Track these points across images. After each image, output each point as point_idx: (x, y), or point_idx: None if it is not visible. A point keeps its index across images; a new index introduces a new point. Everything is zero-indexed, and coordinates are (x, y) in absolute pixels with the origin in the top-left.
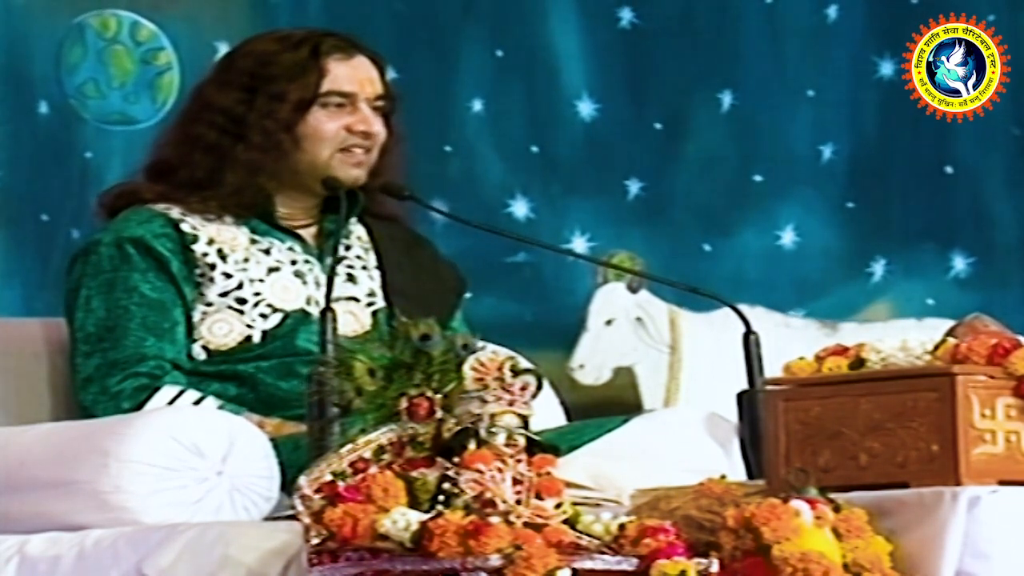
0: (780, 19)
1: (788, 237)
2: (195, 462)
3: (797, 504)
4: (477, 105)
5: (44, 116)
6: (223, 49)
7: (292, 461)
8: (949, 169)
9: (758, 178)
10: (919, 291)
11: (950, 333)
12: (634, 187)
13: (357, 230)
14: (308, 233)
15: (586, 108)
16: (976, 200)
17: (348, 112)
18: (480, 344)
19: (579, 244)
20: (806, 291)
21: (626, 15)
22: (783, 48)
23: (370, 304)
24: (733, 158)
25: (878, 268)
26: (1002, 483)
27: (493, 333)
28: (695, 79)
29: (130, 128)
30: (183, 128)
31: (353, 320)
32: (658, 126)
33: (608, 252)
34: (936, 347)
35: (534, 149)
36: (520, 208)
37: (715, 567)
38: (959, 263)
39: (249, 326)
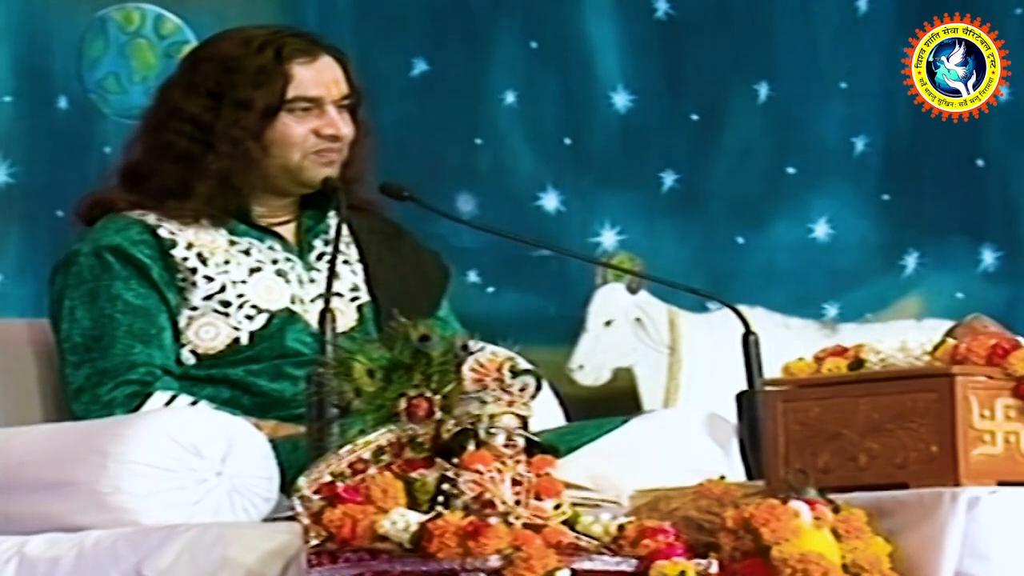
0: (812, 10)
1: (822, 230)
2: (194, 463)
3: (796, 505)
4: (510, 97)
5: (63, 111)
6: None
7: (291, 462)
8: (980, 162)
9: (791, 170)
10: (949, 285)
11: (949, 334)
12: (669, 179)
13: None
14: (287, 230)
15: (621, 99)
16: (1006, 194)
17: (315, 116)
18: (480, 345)
19: (608, 237)
20: (839, 284)
21: (662, 6)
22: (816, 40)
23: (354, 299)
24: (768, 150)
25: (911, 261)
26: (1001, 484)
27: (516, 327)
28: (731, 70)
29: None
30: (152, 135)
31: (339, 316)
32: (695, 117)
33: (638, 245)
34: (935, 348)
35: (567, 141)
36: (550, 201)
37: (714, 568)
38: (988, 257)
39: (236, 328)
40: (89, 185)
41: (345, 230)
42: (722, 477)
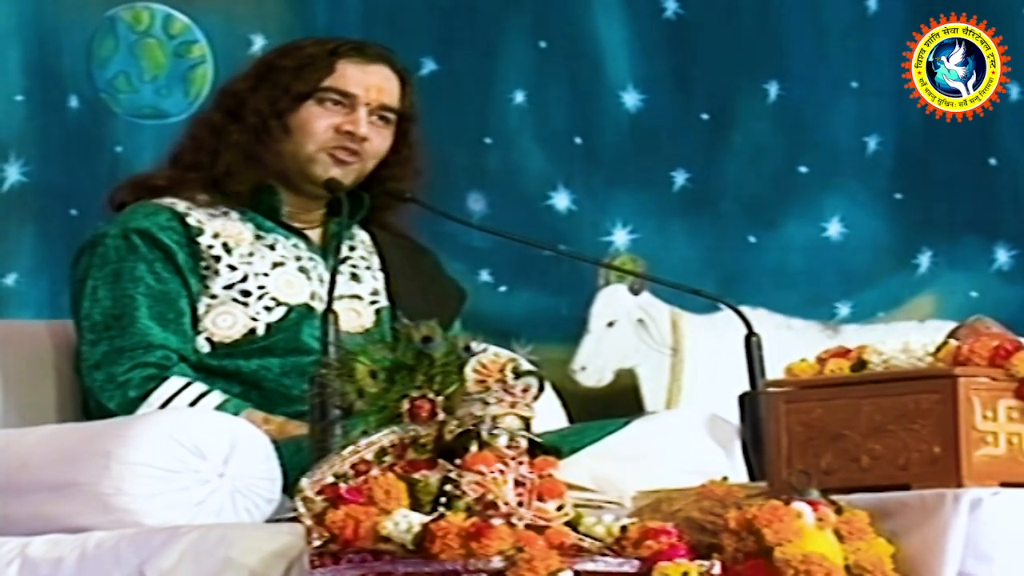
0: (822, 10)
1: (835, 229)
2: (197, 464)
3: (799, 506)
4: (519, 96)
5: (74, 110)
6: (258, 42)
7: (294, 463)
8: (993, 161)
9: (803, 169)
10: (963, 284)
11: (952, 335)
12: (681, 178)
13: (361, 235)
14: (314, 233)
15: (631, 99)
16: (1019, 192)
17: (344, 113)
18: (482, 346)
19: (620, 236)
20: (853, 283)
21: (671, 5)
22: (826, 39)
23: (373, 303)
24: (779, 149)
25: (924, 260)
26: (1004, 485)
27: (530, 327)
28: (741, 70)
29: (162, 122)
30: (202, 114)
31: (356, 317)
32: (705, 116)
33: (650, 244)
34: (938, 349)
35: (577, 140)
36: (561, 200)
37: (717, 569)
38: (1002, 255)
39: (253, 319)
40: (102, 184)
41: (369, 241)
42: (725, 478)
